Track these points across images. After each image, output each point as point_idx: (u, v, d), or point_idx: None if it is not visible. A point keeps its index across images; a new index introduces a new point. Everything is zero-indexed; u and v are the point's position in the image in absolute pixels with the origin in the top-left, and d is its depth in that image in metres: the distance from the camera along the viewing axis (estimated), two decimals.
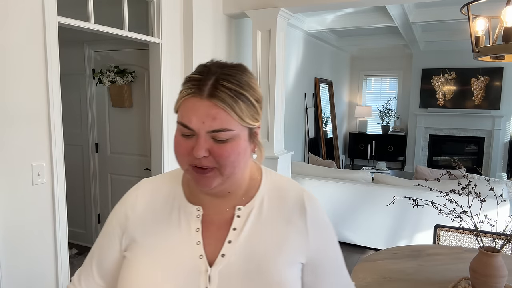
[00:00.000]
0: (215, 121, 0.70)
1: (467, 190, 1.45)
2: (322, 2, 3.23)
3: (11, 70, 1.91)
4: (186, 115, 0.72)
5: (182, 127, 0.73)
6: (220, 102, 0.70)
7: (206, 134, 0.71)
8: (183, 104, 0.73)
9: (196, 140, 0.72)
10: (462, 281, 1.57)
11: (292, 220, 0.82)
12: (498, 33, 1.96)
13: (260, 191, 0.84)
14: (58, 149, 2.16)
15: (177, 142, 0.75)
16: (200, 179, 0.75)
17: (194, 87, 0.72)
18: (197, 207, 0.82)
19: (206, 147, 0.71)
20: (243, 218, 0.81)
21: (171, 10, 2.97)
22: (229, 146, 0.72)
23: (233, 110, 0.71)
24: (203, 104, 0.71)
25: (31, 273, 2.08)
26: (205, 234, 0.81)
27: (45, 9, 2.03)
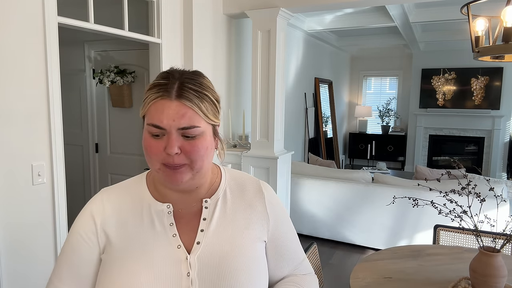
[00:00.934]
0: (184, 118, 0.78)
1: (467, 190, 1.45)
2: (322, 2, 3.23)
3: (11, 70, 1.91)
4: (157, 116, 0.78)
5: (153, 127, 0.78)
6: (187, 101, 0.78)
7: (176, 132, 0.78)
8: (153, 107, 0.79)
9: (168, 139, 0.78)
10: (462, 281, 1.57)
11: (253, 204, 0.94)
12: (498, 33, 1.96)
13: (222, 184, 0.94)
14: (58, 149, 2.16)
15: (147, 143, 0.81)
16: (172, 175, 0.81)
17: (162, 91, 0.79)
18: (167, 204, 0.88)
19: (177, 145, 0.78)
20: (211, 208, 0.90)
21: (171, 10, 2.98)
22: (198, 142, 0.80)
23: (199, 108, 0.79)
24: (172, 104, 0.78)
25: (31, 273, 2.08)
26: (178, 227, 0.88)
27: (45, 9, 2.03)
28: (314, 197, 4.12)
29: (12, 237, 1.98)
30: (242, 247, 0.88)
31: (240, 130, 3.83)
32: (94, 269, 0.88)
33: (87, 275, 0.88)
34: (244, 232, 0.90)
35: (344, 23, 5.65)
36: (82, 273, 0.88)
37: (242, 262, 0.86)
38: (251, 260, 0.87)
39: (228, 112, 3.64)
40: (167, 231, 0.86)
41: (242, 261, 0.86)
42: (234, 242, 0.88)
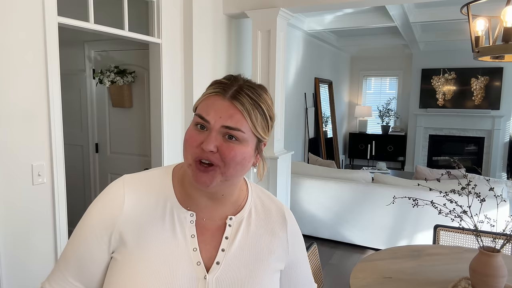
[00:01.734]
0: (231, 119, 0.75)
1: (467, 190, 1.45)
2: (322, 2, 3.23)
3: (11, 70, 1.91)
4: (206, 108, 0.77)
5: (199, 117, 0.77)
6: (240, 105, 0.76)
7: (219, 129, 0.75)
8: (205, 100, 0.78)
9: (208, 135, 0.76)
10: (462, 281, 1.57)
11: (275, 231, 0.90)
12: (498, 33, 1.96)
13: (248, 203, 0.90)
14: (58, 149, 2.16)
15: (189, 133, 0.79)
16: (201, 175, 0.77)
17: (219, 88, 0.77)
18: (190, 212, 0.83)
19: (215, 143, 0.75)
20: (234, 228, 0.86)
21: (171, 10, 2.97)
22: (237, 147, 0.76)
23: (249, 115, 0.76)
24: (224, 103, 0.76)
25: (31, 273, 2.08)
26: (200, 239, 0.83)
27: (45, 9, 2.03)
28: (314, 197, 4.12)
29: (12, 237, 1.98)
30: (261, 277, 0.84)
31: None
32: (102, 268, 0.83)
33: (95, 272, 0.83)
34: (264, 260, 0.86)
35: (344, 23, 5.65)
36: (89, 269, 0.83)
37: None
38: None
39: None
40: (188, 243, 0.81)
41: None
42: (254, 270, 0.84)
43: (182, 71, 3.15)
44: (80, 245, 0.83)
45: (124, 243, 0.80)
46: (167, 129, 3.04)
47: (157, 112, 3.02)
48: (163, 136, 3.02)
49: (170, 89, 3.03)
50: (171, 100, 3.06)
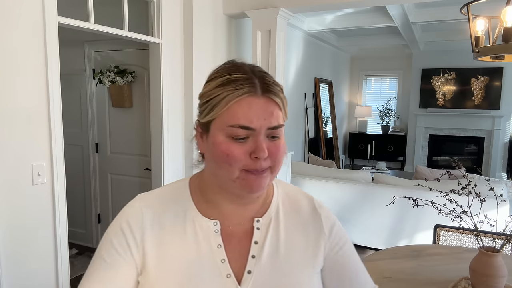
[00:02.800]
0: (273, 117, 0.69)
1: (467, 190, 1.45)
2: (322, 2, 3.23)
3: (11, 70, 1.91)
4: (245, 116, 0.67)
5: (240, 129, 0.67)
6: (275, 97, 0.70)
7: (264, 133, 0.69)
8: (236, 105, 0.67)
9: (256, 141, 0.68)
10: (462, 281, 1.57)
11: (308, 227, 0.81)
12: (498, 33, 1.96)
13: (274, 200, 0.82)
14: (58, 149, 2.16)
15: (227, 149, 0.68)
16: (255, 181, 0.70)
17: (245, 86, 0.68)
18: (213, 221, 0.76)
19: (266, 147, 0.69)
20: (263, 230, 0.78)
21: (171, 10, 2.97)
22: (281, 143, 0.72)
23: (283, 105, 0.71)
24: (260, 101, 0.68)
25: (31, 273, 2.08)
26: (227, 249, 0.75)
27: (45, 9, 2.03)
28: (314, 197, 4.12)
29: (12, 237, 1.98)
30: (299, 281, 0.76)
31: None
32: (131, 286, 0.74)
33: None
34: (300, 261, 0.78)
35: (344, 23, 5.65)
36: None
37: None
38: None
39: None
40: (214, 254, 0.74)
41: None
42: (290, 274, 0.76)
43: (182, 71, 3.15)
44: (102, 270, 0.73)
45: (146, 263, 0.73)
46: (167, 129, 3.04)
47: (157, 112, 3.02)
48: (163, 136, 3.02)
49: (170, 89, 3.03)
50: (171, 100, 3.06)
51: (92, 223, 3.80)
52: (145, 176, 3.40)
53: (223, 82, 0.69)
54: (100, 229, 3.78)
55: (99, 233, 3.79)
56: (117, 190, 3.65)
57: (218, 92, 0.69)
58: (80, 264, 3.43)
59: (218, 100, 0.69)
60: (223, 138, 0.69)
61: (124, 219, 0.76)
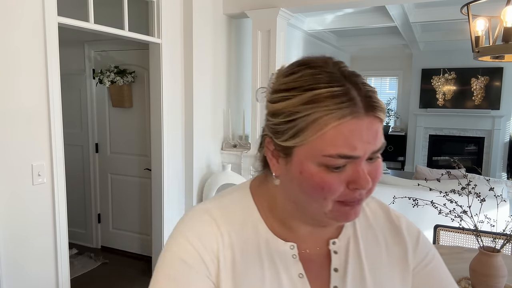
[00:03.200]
0: (378, 138, 0.56)
1: (467, 190, 1.45)
2: (322, 2, 3.23)
3: (11, 70, 1.91)
4: (347, 143, 0.53)
5: (339, 159, 0.54)
6: (380, 112, 0.55)
7: (366, 157, 0.56)
8: (337, 131, 0.53)
9: (356, 169, 0.55)
10: (462, 281, 1.57)
11: (389, 242, 0.70)
12: (498, 33, 1.96)
13: None
14: (58, 149, 2.16)
15: (323, 181, 0.55)
16: (351, 211, 0.59)
17: (346, 105, 0.53)
18: (290, 244, 0.64)
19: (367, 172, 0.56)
20: (342, 254, 0.67)
21: (171, 10, 2.97)
22: (379, 163, 0.59)
23: (383, 119, 0.57)
24: (364, 122, 0.54)
25: (31, 273, 2.08)
26: (308, 277, 0.64)
27: (45, 9, 2.03)
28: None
29: (12, 237, 1.98)
30: None
31: (240, 130, 3.83)
32: None
33: None
34: (385, 281, 0.67)
35: (344, 23, 5.65)
36: None
37: None
38: None
39: (228, 112, 3.64)
40: (296, 285, 0.62)
41: None
42: None
43: (182, 71, 3.15)
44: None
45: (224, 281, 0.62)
46: (167, 129, 3.04)
47: (157, 112, 3.02)
48: (163, 136, 3.02)
49: (170, 89, 3.03)
50: (171, 100, 3.06)
51: (92, 223, 3.80)
52: (145, 176, 3.40)
53: (313, 99, 0.54)
54: (100, 229, 3.78)
55: (99, 233, 3.79)
56: (117, 190, 3.65)
57: (307, 112, 0.54)
58: (80, 264, 3.43)
59: (308, 122, 0.54)
60: (316, 168, 0.56)
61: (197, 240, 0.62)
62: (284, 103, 0.57)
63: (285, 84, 0.59)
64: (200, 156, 3.29)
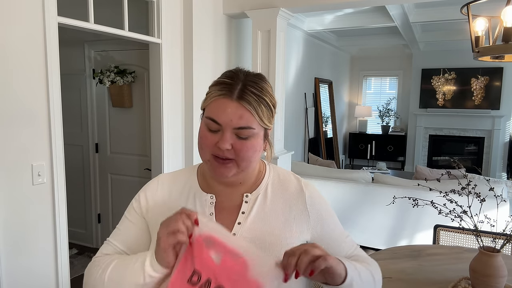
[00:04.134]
0: (242, 120, 0.83)
1: (467, 190, 1.45)
2: (322, 2, 3.23)
3: (11, 70, 1.91)
4: (216, 112, 0.84)
5: (211, 121, 0.84)
6: (247, 104, 0.83)
7: (231, 130, 0.83)
8: (214, 103, 0.85)
9: (222, 135, 0.84)
10: (462, 281, 1.57)
11: (293, 203, 0.95)
12: (498, 33, 1.96)
13: (265, 180, 0.97)
14: (58, 149, 2.16)
15: (203, 135, 0.87)
16: (219, 168, 0.86)
17: (225, 90, 0.84)
18: (210, 195, 0.94)
19: (230, 142, 0.83)
20: (251, 203, 0.93)
21: (171, 10, 2.98)
22: (249, 143, 0.85)
23: (256, 112, 0.84)
24: (233, 104, 0.83)
25: (31, 273, 2.08)
26: (218, 217, 0.91)
27: (45, 9, 2.03)
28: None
29: (12, 237, 1.98)
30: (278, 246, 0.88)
31: None
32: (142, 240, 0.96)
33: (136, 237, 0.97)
34: (280, 230, 0.91)
35: (344, 23, 5.65)
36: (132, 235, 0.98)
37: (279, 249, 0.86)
38: None
39: None
40: None
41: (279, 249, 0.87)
42: (269, 240, 0.89)
43: (182, 71, 3.15)
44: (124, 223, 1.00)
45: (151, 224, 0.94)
46: (167, 129, 3.04)
47: (157, 112, 3.02)
48: (163, 136, 3.02)
49: (170, 89, 3.03)
50: (171, 100, 3.06)
51: (92, 223, 3.80)
52: (145, 176, 3.40)
53: (214, 83, 0.88)
54: (100, 229, 3.78)
55: (99, 233, 3.79)
56: (117, 190, 3.65)
57: (210, 90, 0.87)
58: (80, 264, 3.43)
59: (207, 96, 0.88)
60: (203, 126, 0.87)
61: (144, 190, 0.99)
62: None
63: None
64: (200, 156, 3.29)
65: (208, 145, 0.86)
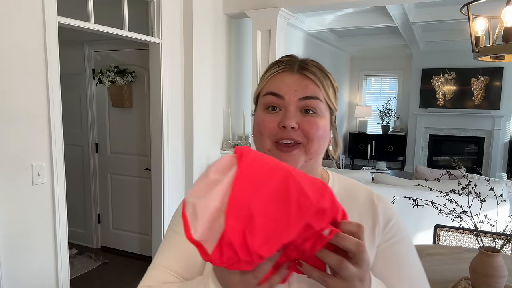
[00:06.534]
0: (307, 89, 0.72)
1: (467, 190, 1.45)
2: (322, 2, 3.23)
3: (11, 70, 1.91)
4: (276, 85, 0.73)
5: (271, 96, 0.73)
6: (311, 74, 0.73)
7: (296, 104, 0.72)
8: (272, 80, 0.75)
9: (285, 111, 0.72)
10: (462, 281, 1.57)
11: (363, 216, 0.79)
12: (498, 33, 1.96)
13: None
14: (58, 149, 2.16)
15: (261, 119, 0.74)
16: (285, 157, 0.72)
17: (284, 65, 0.75)
18: None
19: (296, 119, 0.71)
20: None
21: (171, 10, 2.97)
22: (317, 120, 0.73)
23: (321, 83, 0.74)
24: (294, 77, 0.73)
25: (31, 273, 2.08)
26: None
27: (45, 9, 2.03)
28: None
29: (12, 237, 1.98)
30: None
31: (240, 130, 3.83)
32: None
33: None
34: None
35: (344, 23, 5.65)
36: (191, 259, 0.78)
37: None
38: None
39: (228, 112, 3.64)
40: None
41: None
42: None
43: (182, 71, 3.15)
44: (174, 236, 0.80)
45: None
46: (167, 129, 3.04)
47: (157, 112, 3.02)
48: (163, 136, 3.02)
49: (170, 89, 3.03)
50: (171, 100, 3.06)
51: (92, 223, 3.79)
52: (145, 176, 3.40)
53: (270, 65, 0.78)
54: (100, 229, 3.78)
55: (99, 233, 3.79)
56: (117, 190, 3.65)
57: (266, 72, 0.78)
58: (80, 264, 3.43)
59: (262, 79, 0.78)
60: (260, 112, 0.75)
61: None
62: None
63: None
64: (200, 156, 3.29)
65: (268, 128, 0.72)
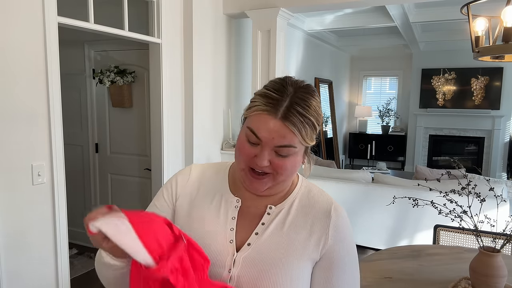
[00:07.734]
0: (284, 139, 0.80)
1: (467, 190, 1.45)
2: (322, 2, 3.23)
3: (11, 70, 1.91)
4: (258, 127, 0.80)
5: (251, 134, 0.81)
6: (291, 125, 0.79)
7: (271, 147, 0.81)
8: (257, 116, 0.81)
9: (261, 150, 0.81)
10: (462, 281, 1.57)
11: (315, 226, 0.89)
12: (498, 33, 1.96)
13: (293, 195, 0.93)
14: (58, 149, 2.16)
15: (241, 145, 0.84)
16: (253, 182, 0.85)
17: (270, 106, 0.80)
18: (237, 198, 0.92)
19: (268, 159, 0.81)
20: (272, 215, 0.90)
21: (171, 10, 2.98)
22: (288, 161, 0.83)
23: (300, 133, 0.80)
24: (276, 123, 0.79)
25: (31, 273, 2.08)
26: (239, 223, 0.90)
27: (45, 9, 2.03)
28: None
29: (12, 237, 1.98)
30: (288, 264, 0.85)
31: None
32: None
33: None
34: (296, 250, 0.86)
35: (344, 23, 5.65)
36: None
37: (283, 279, 0.84)
38: (294, 281, 0.84)
39: (228, 112, 3.64)
40: (227, 223, 0.90)
41: (283, 278, 0.84)
42: (282, 257, 0.85)
43: (182, 71, 3.15)
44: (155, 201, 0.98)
45: (180, 205, 0.95)
46: (167, 129, 3.04)
47: (157, 112, 3.02)
48: (163, 136, 3.02)
49: (170, 89, 3.03)
50: (171, 100, 3.06)
51: None
52: (145, 176, 3.40)
53: (262, 94, 0.83)
54: None
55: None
56: (117, 190, 3.65)
57: (255, 99, 0.83)
58: (80, 264, 3.43)
59: (252, 105, 0.83)
60: (243, 136, 0.84)
61: (174, 180, 0.98)
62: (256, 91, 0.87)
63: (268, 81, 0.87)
64: (200, 156, 3.29)
65: (245, 155, 0.83)
